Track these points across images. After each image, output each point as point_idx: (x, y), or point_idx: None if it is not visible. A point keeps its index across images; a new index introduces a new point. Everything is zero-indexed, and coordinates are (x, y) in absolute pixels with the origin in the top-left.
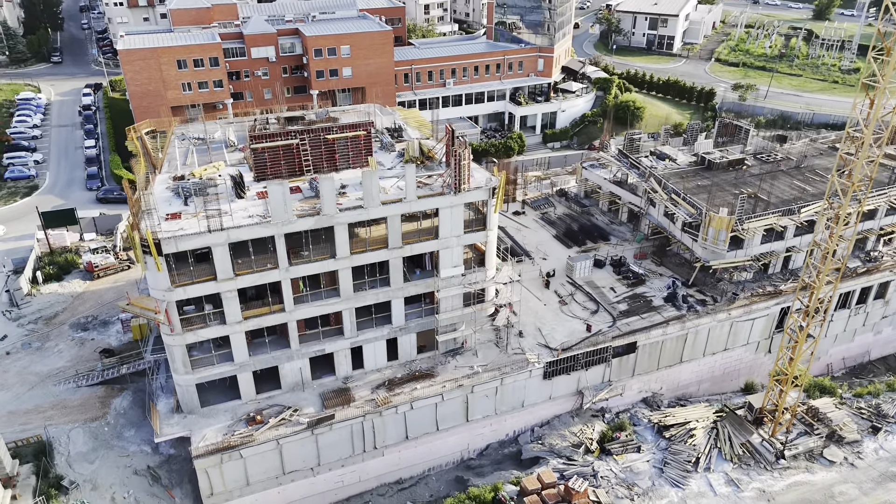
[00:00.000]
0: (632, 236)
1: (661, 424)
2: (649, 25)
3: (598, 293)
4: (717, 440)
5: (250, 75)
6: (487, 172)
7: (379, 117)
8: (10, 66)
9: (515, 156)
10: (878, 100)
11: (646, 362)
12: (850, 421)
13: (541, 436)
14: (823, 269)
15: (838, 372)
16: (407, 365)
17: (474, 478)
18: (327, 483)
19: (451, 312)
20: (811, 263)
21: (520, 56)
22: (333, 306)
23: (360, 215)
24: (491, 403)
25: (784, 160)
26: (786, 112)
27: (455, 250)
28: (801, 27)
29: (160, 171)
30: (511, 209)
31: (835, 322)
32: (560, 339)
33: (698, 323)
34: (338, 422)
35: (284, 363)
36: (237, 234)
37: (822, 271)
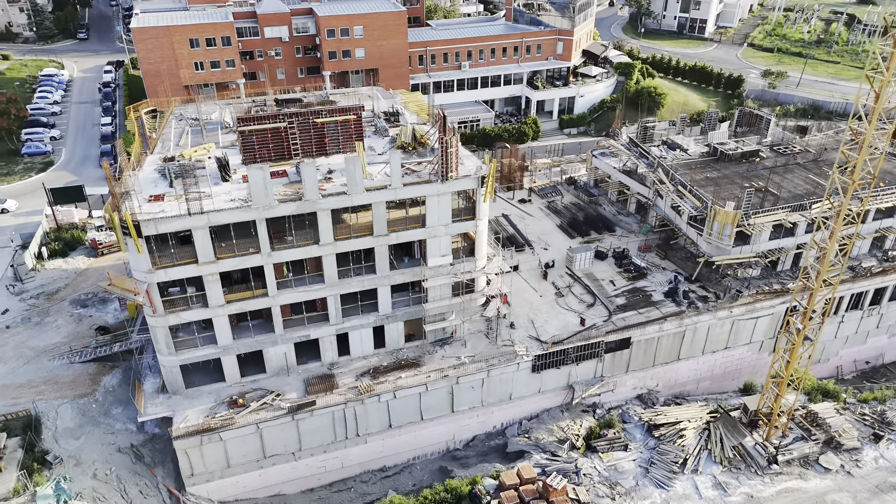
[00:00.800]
0: (638, 228)
1: (651, 423)
2: (681, 8)
3: (596, 286)
4: (708, 442)
5: (263, 55)
6: (479, 160)
7: (379, 101)
8: (38, 43)
9: (530, 141)
10: (883, 92)
11: (641, 359)
12: (850, 427)
13: (528, 429)
14: (822, 270)
15: (849, 374)
16: (394, 353)
17: (458, 469)
18: (309, 468)
19: (439, 302)
20: (810, 264)
21: (538, 39)
22: (318, 292)
23: (344, 202)
24: (477, 395)
25: (802, 153)
26: (817, 101)
27: (443, 239)
28: (842, 11)
29: (152, 152)
30: (517, 197)
31: (846, 323)
32: (552, 332)
33: (697, 320)
34: (319, 408)
35: (269, 347)
36: (218, 218)
37: (820, 273)
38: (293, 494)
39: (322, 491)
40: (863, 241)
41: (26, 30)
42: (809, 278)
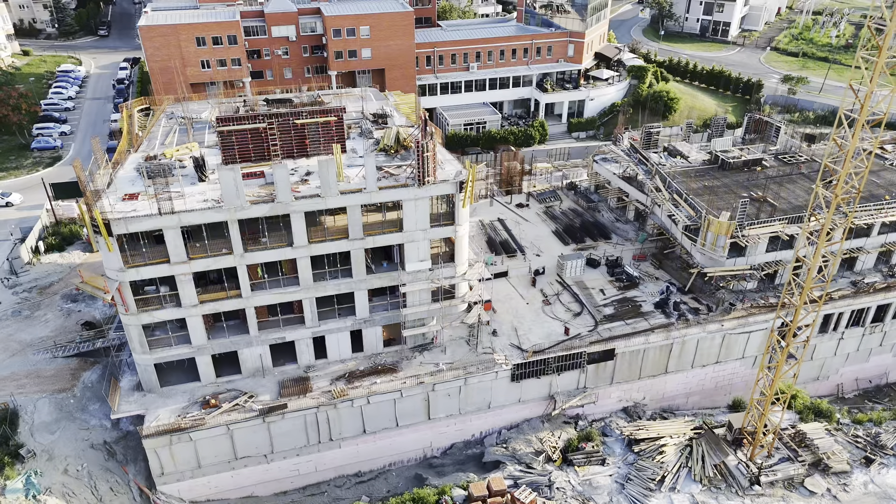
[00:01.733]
0: (635, 236)
1: (631, 437)
2: (704, 10)
3: (585, 294)
4: (689, 459)
5: (271, 54)
6: (459, 165)
7: (371, 102)
8: (60, 39)
9: (536, 144)
10: (866, 102)
11: (626, 371)
12: (840, 449)
13: (506, 439)
14: (806, 286)
15: (851, 393)
16: (372, 358)
17: (434, 477)
18: (282, 471)
19: (418, 307)
20: (793, 280)
21: (549, 40)
22: (292, 295)
23: (317, 204)
24: (454, 403)
25: (807, 162)
26: (838, 108)
27: (421, 244)
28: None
29: (136, 150)
30: (516, 201)
31: (846, 340)
32: (535, 341)
33: (685, 333)
34: (290, 411)
35: (244, 349)
36: (189, 218)
37: (804, 289)
38: (266, 497)
39: (295, 494)
40: (867, 255)
41: (49, 26)
42: (793, 294)
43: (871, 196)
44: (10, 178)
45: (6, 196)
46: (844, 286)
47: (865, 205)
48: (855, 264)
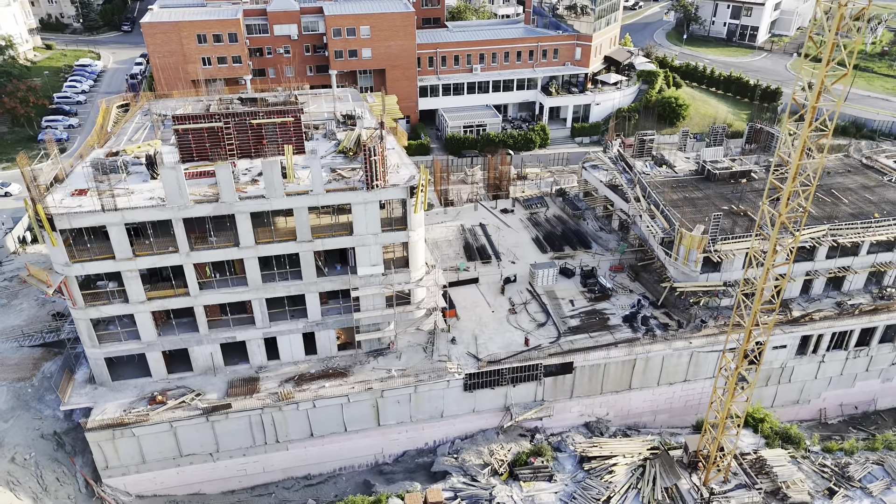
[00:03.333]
0: (617, 246)
1: (583, 454)
2: (731, 14)
3: (554, 304)
4: (640, 480)
5: (273, 52)
6: (414, 170)
7: (347, 103)
8: (84, 34)
9: (537, 149)
10: (809, 116)
11: (586, 385)
12: (803, 479)
13: (459, 449)
14: (755, 308)
15: (834, 419)
16: (325, 361)
17: (383, 484)
18: (229, 470)
19: (372, 312)
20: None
21: (555, 43)
22: (241, 295)
23: (263, 205)
24: (405, 410)
25: None
26: (860, 119)
27: (373, 248)
28: None
29: (102, 146)
30: (501, 206)
31: (827, 363)
32: (494, 350)
33: (649, 349)
34: (234, 411)
35: (194, 346)
36: (133, 216)
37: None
38: (213, 495)
39: (243, 493)
40: (855, 275)
41: (75, 21)
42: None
43: (860, 213)
44: (13, 169)
45: (5, 186)
46: (829, 307)
47: (853, 222)
48: (842, 284)
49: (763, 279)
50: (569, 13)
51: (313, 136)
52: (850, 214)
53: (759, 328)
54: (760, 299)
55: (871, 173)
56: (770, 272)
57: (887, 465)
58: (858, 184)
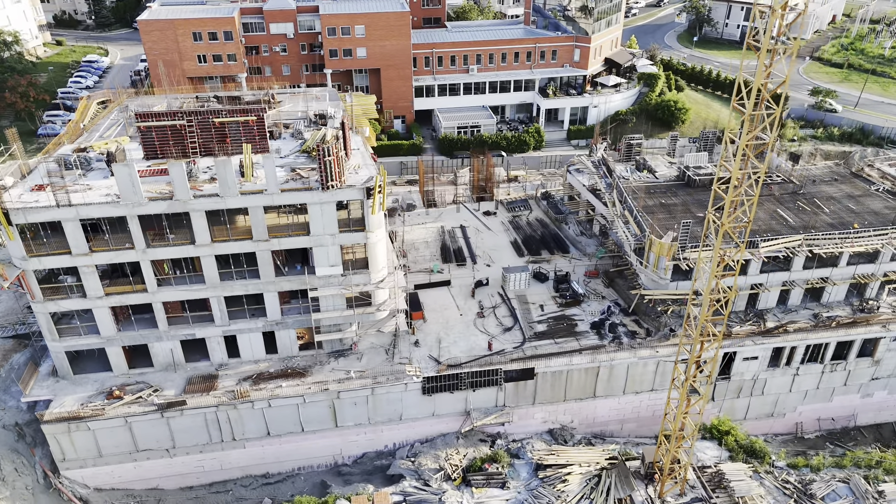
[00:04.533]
0: (595, 251)
1: (540, 462)
2: (745, 16)
3: (524, 309)
4: (593, 490)
5: (269, 51)
6: (374, 171)
7: (322, 103)
8: (96, 30)
9: (531, 151)
10: (746, 126)
11: (548, 391)
12: (763, 494)
13: (417, 453)
14: (701, 319)
15: (812, 433)
16: (286, 360)
17: (339, 485)
18: (186, 466)
19: (331, 313)
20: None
21: (553, 45)
22: (198, 293)
23: (217, 204)
24: (363, 412)
25: (782, 183)
26: (867, 125)
27: (331, 249)
28: None
29: (72, 142)
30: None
31: (802, 376)
32: (457, 354)
33: (613, 357)
34: (189, 408)
35: (154, 342)
36: (87, 212)
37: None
38: (171, 490)
39: (201, 490)
40: (834, 287)
41: (88, 18)
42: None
43: (840, 223)
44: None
45: None
46: (806, 318)
47: (830, 233)
48: (822, 296)
49: (707, 290)
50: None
51: (282, 135)
52: (829, 224)
53: (711, 339)
54: (706, 310)
55: (859, 182)
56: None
57: (853, 484)
58: (843, 193)
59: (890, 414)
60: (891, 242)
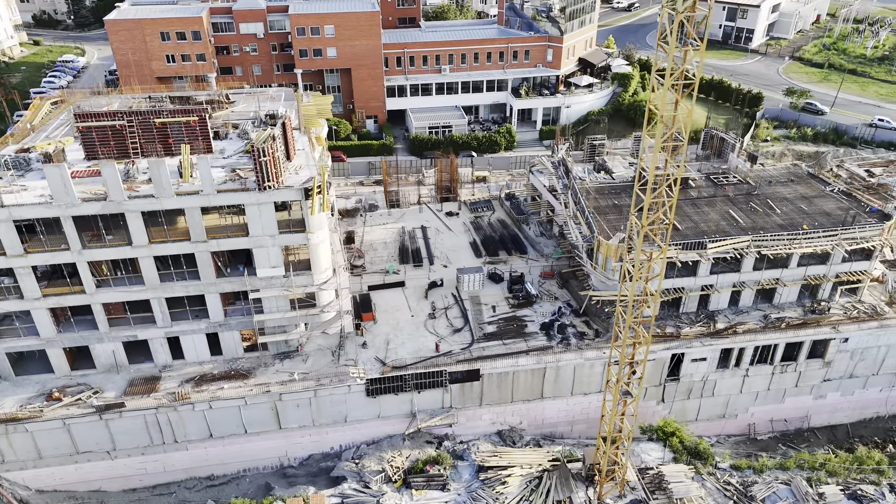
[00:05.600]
0: (552, 252)
1: (482, 464)
2: (727, 16)
3: (475, 310)
4: (533, 493)
5: (239, 51)
6: (315, 171)
7: (276, 103)
8: (75, 30)
9: (502, 151)
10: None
11: (495, 393)
12: (703, 496)
13: (362, 454)
14: (628, 320)
15: (765, 434)
16: (231, 362)
17: (284, 487)
18: (128, 468)
19: (274, 314)
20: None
21: (526, 45)
22: (138, 294)
23: (152, 205)
24: (307, 414)
25: (737, 184)
26: (842, 125)
27: (271, 250)
28: None
29: (18, 142)
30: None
31: (752, 378)
32: (404, 355)
33: (559, 358)
34: (128, 410)
35: (95, 344)
36: (20, 212)
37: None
38: (114, 492)
39: (144, 492)
40: (785, 288)
41: (67, 18)
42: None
43: (790, 224)
44: None
45: None
46: (756, 319)
47: (779, 234)
48: (773, 297)
49: (632, 291)
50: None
51: (229, 135)
52: (779, 225)
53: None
54: (632, 312)
55: (815, 183)
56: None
57: (794, 486)
58: (798, 194)
59: (844, 415)
60: (840, 243)
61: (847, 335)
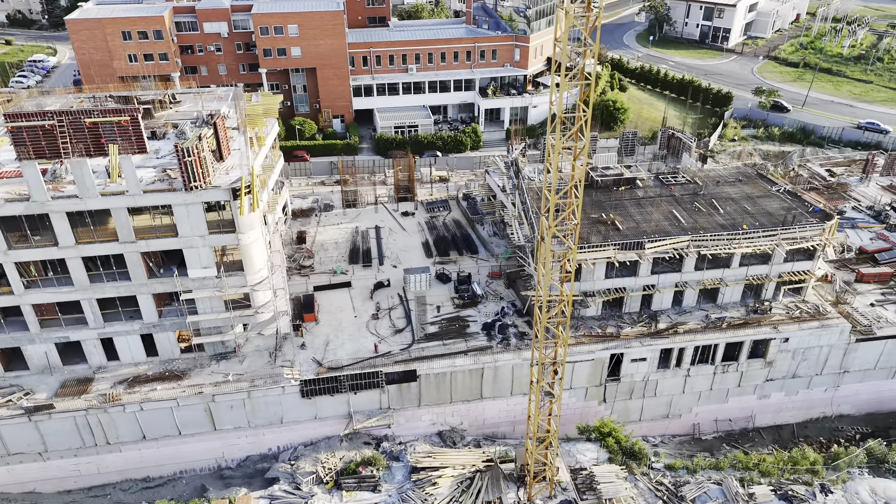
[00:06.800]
0: (503, 252)
1: (415, 465)
2: (704, 15)
3: (420, 310)
4: (463, 494)
5: (203, 50)
6: (245, 172)
7: (221, 103)
8: (50, 30)
9: (468, 151)
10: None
11: (434, 393)
12: (634, 496)
13: (298, 456)
14: (542, 320)
15: (710, 434)
16: (167, 363)
17: (219, 488)
18: (62, 469)
19: (208, 315)
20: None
21: (493, 44)
22: (67, 295)
23: (77, 205)
24: (242, 415)
25: (684, 184)
26: (809, 125)
27: (202, 251)
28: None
29: None
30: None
31: (693, 378)
32: (343, 356)
33: (497, 359)
34: (58, 412)
35: (26, 345)
36: None
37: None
38: (48, 494)
39: (79, 493)
40: (728, 288)
41: (42, 17)
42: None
43: (732, 224)
44: None
45: None
46: (699, 319)
47: (718, 233)
48: (717, 297)
49: (538, 292)
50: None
51: (167, 135)
52: (721, 225)
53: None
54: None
55: (763, 183)
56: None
57: (725, 486)
58: (744, 194)
59: (790, 415)
60: (780, 243)
61: (787, 335)
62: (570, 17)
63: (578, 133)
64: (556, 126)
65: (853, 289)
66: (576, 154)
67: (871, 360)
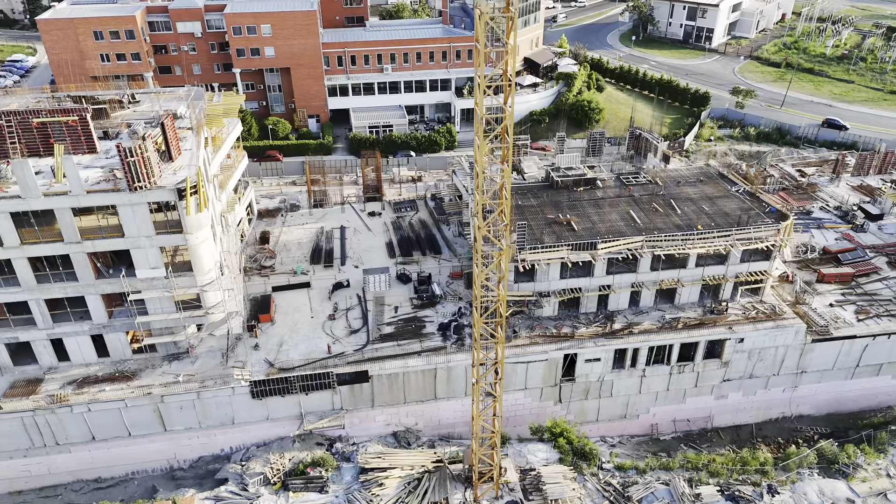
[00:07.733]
0: (465, 252)
1: (363, 466)
2: (687, 15)
3: (377, 311)
4: (410, 495)
5: (177, 50)
6: (192, 172)
7: (181, 103)
8: (31, 30)
9: (443, 150)
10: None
11: (387, 394)
12: (580, 497)
13: (250, 456)
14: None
15: (667, 435)
16: (119, 364)
17: (170, 489)
18: (12, 470)
19: (158, 315)
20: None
21: (468, 44)
22: (14, 295)
23: (20, 205)
24: (192, 416)
25: (644, 184)
26: (785, 125)
27: (150, 251)
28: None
29: None
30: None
31: (649, 378)
32: (295, 357)
33: (450, 359)
34: (4, 413)
35: None
36: None
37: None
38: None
39: (30, 494)
40: (684, 288)
41: (24, 17)
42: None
43: (689, 225)
44: None
45: None
46: (655, 320)
47: (674, 234)
48: (674, 297)
49: (477, 292)
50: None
51: (120, 135)
52: (676, 226)
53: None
54: (479, 314)
55: (723, 183)
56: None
57: (672, 486)
58: (703, 194)
59: (749, 416)
60: (735, 244)
61: (742, 335)
62: (484, 17)
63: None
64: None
65: (813, 289)
66: (504, 156)
67: (828, 361)
